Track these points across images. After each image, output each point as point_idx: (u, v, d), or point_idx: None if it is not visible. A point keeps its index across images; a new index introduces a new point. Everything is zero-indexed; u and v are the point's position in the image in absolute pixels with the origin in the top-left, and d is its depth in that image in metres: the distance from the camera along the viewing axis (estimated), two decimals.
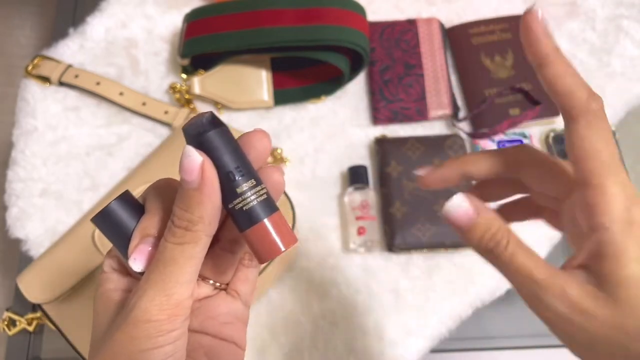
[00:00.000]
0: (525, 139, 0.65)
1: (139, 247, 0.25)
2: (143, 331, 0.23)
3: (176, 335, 0.24)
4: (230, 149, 0.24)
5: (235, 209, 0.24)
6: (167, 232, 0.24)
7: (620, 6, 0.72)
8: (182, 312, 0.24)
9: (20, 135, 0.66)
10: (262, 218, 0.24)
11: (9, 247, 0.66)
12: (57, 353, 0.60)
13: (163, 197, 0.26)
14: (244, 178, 0.24)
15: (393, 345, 0.57)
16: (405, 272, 0.60)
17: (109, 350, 0.23)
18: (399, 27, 0.70)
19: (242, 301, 0.29)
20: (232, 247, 0.28)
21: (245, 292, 0.29)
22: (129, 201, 0.26)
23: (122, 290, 0.26)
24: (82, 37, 0.71)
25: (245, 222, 0.24)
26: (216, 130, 0.24)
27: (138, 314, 0.23)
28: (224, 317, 0.28)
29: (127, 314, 0.23)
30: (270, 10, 0.62)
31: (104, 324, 0.25)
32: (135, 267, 0.25)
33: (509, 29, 0.70)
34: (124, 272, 0.27)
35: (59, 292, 0.52)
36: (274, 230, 0.24)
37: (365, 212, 0.60)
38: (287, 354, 0.57)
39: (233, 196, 0.24)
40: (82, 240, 0.54)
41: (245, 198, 0.24)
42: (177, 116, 0.65)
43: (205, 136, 0.24)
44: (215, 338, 0.27)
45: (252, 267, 0.30)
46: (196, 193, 0.23)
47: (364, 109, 0.68)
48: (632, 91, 0.67)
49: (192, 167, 0.23)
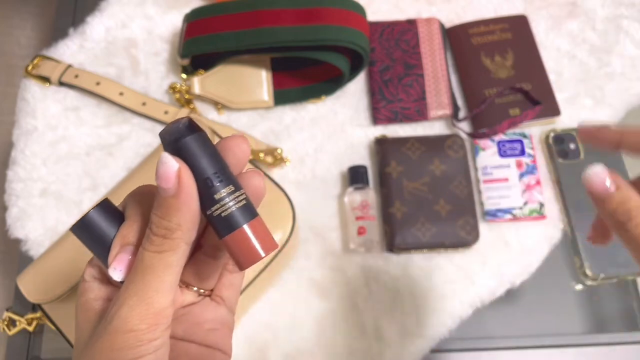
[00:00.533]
0: (525, 139, 0.65)
1: (119, 256, 0.24)
2: (124, 341, 0.22)
3: (157, 344, 0.23)
4: (208, 154, 0.23)
5: (214, 215, 0.23)
6: (145, 240, 0.24)
7: (620, 6, 0.72)
8: (162, 321, 0.23)
9: (20, 135, 0.66)
10: (242, 224, 0.23)
11: (9, 247, 0.66)
12: (57, 353, 0.60)
13: (142, 204, 0.25)
14: (222, 184, 0.23)
15: (393, 345, 0.57)
16: (405, 272, 0.60)
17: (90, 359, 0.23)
18: (399, 27, 0.70)
19: (226, 307, 0.29)
20: (214, 253, 0.27)
21: (230, 297, 0.29)
22: (109, 209, 0.26)
23: (103, 300, 0.26)
24: (82, 37, 0.71)
25: (224, 229, 0.23)
26: (193, 135, 0.23)
27: (118, 323, 0.23)
28: (209, 324, 0.27)
29: (108, 323, 0.23)
30: (270, 10, 0.62)
31: (85, 334, 0.25)
32: (115, 276, 0.24)
33: (509, 29, 0.70)
34: (105, 281, 0.26)
35: (59, 292, 0.52)
36: (254, 235, 0.24)
37: (365, 212, 0.60)
38: (287, 354, 0.57)
39: (211, 202, 0.23)
40: None
41: (224, 204, 0.23)
42: (177, 116, 0.65)
43: (182, 142, 0.23)
44: (201, 345, 0.27)
45: (236, 273, 0.29)
46: (173, 200, 0.23)
47: (364, 109, 0.68)
48: (632, 91, 0.67)
49: (168, 174, 0.22)
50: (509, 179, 0.63)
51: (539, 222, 0.62)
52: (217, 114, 0.68)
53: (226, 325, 0.28)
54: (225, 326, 0.28)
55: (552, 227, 0.62)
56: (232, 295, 0.29)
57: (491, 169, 0.63)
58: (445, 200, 0.61)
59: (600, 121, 0.65)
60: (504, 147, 0.64)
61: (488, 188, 0.63)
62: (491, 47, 0.69)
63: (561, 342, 0.57)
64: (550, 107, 0.65)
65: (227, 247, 0.24)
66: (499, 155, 0.64)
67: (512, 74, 0.67)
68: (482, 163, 0.64)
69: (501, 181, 0.63)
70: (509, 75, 0.67)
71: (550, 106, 0.65)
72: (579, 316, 0.60)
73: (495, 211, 0.62)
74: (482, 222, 0.62)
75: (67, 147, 0.65)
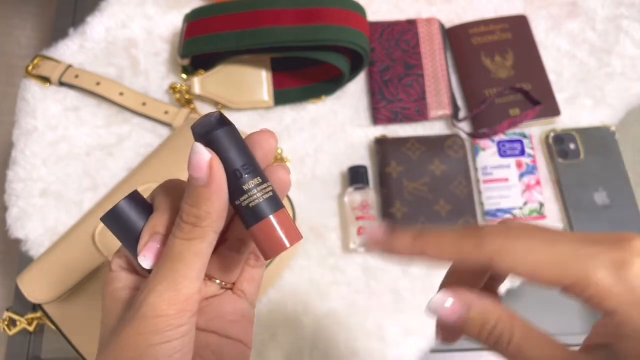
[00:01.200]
0: (525, 139, 0.65)
1: (148, 244, 0.25)
2: (151, 326, 0.23)
3: (184, 330, 0.24)
4: (237, 147, 0.24)
5: (242, 205, 0.24)
6: (175, 228, 0.24)
7: (620, 6, 0.72)
8: (190, 307, 0.24)
9: (20, 135, 0.66)
10: (268, 214, 0.24)
11: (9, 247, 0.66)
12: (57, 353, 0.60)
13: (171, 196, 0.26)
14: (250, 175, 0.24)
15: (393, 345, 0.57)
16: (405, 272, 0.60)
17: (117, 345, 0.24)
18: (399, 27, 0.70)
19: (247, 300, 0.29)
20: (238, 246, 0.28)
21: (251, 291, 0.30)
22: (138, 200, 0.27)
23: (130, 289, 0.26)
24: (82, 37, 0.71)
25: (251, 219, 0.24)
26: (224, 128, 0.24)
27: (147, 309, 0.23)
28: (231, 316, 0.28)
29: (136, 309, 0.24)
30: (270, 10, 0.62)
31: (112, 322, 0.25)
32: (144, 264, 0.25)
33: (509, 29, 0.70)
34: (132, 271, 0.27)
35: (59, 292, 0.52)
36: (279, 226, 0.24)
37: (365, 212, 0.60)
38: (287, 354, 0.57)
39: (240, 193, 0.24)
40: (82, 240, 0.54)
41: (252, 195, 0.24)
42: (177, 116, 0.65)
43: (213, 134, 0.24)
44: (222, 336, 0.28)
45: (257, 267, 0.30)
46: (204, 189, 0.24)
47: (364, 109, 0.68)
48: (632, 91, 0.67)
49: (200, 164, 0.23)
50: (509, 179, 0.63)
51: (539, 222, 0.62)
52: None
53: (247, 317, 0.29)
54: (246, 319, 0.29)
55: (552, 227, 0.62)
56: (253, 289, 0.30)
57: (491, 169, 0.63)
58: (445, 200, 0.61)
59: (601, 122, 0.65)
60: (504, 147, 0.64)
61: (488, 188, 0.63)
62: (491, 47, 0.69)
63: (561, 342, 0.57)
64: (550, 107, 0.65)
65: (253, 236, 0.25)
66: (499, 155, 0.64)
67: (512, 74, 0.67)
68: (482, 163, 0.64)
69: (501, 181, 0.63)
70: (509, 75, 0.67)
71: (550, 106, 0.65)
72: (579, 316, 0.60)
73: (495, 211, 0.62)
74: (482, 222, 0.62)
75: (67, 147, 0.65)
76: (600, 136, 0.65)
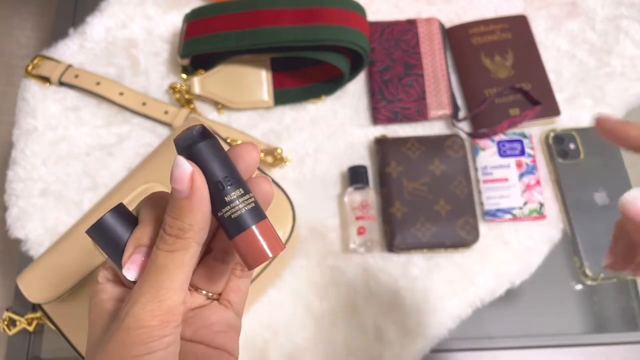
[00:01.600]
0: (525, 139, 0.65)
1: (133, 257, 0.25)
2: (135, 337, 0.23)
3: (168, 341, 0.24)
4: (219, 159, 0.25)
5: (225, 217, 0.25)
6: (158, 240, 0.25)
7: (620, 6, 0.72)
8: (173, 319, 0.24)
9: (20, 135, 0.66)
10: (250, 225, 0.25)
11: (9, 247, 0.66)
12: (57, 353, 0.60)
13: (156, 209, 0.27)
14: (232, 187, 0.24)
15: (393, 345, 0.57)
16: (405, 272, 0.60)
17: (103, 356, 0.24)
18: (399, 27, 0.70)
19: (234, 311, 0.29)
20: (223, 257, 0.28)
21: (237, 302, 0.30)
22: (123, 213, 0.27)
23: (116, 300, 0.27)
24: (82, 37, 0.71)
25: (233, 230, 0.25)
26: (206, 141, 0.25)
27: (130, 320, 0.23)
28: (217, 326, 0.28)
29: (120, 321, 0.24)
30: (270, 10, 0.62)
31: (97, 333, 0.26)
32: (129, 276, 0.25)
33: (509, 29, 0.70)
34: (118, 283, 0.27)
35: (59, 292, 0.52)
36: (262, 237, 0.25)
37: (365, 212, 0.60)
38: (287, 354, 0.57)
39: (222, 205, 0.24)
40: (82, 240, 0.54)
41: (234, 206, 0.24)
42: (177, 116, 0.65)
43: (195, 147, 0.24)
44: (209, 347, 0.28)
45: (244, 278, 0.30)
46: (186, 202, 0.24)
47: (364, 109, 0.68)
48: (632, 91, 0.67)
49: (182, 176, 0.24)
50: (509, 179, 0.63)
51: (539, 222, 0.62)
52: (217, 114, 0.68)
53: (233, 328, 0.29)
54: (233, 329, 0.29)
55: (552, 227, 0.62)
56: (240, 299, 0.30)
57: (491, 169, 0.63)
58: (445, 200, 0.61)
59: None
60: (504, 147, 0.64)
61: (488, 188, 0.63)
62: (491, 47, 0.69)
63: (561, 342, 0.57)
64: (550, 107, 0.65)
65: (236, 247, 0.25)
66: (499, 155, 0.64)
67: (512, 74, 0.67)
68: (482, 163, 0.64)
69: (501, 181, 0.63)
70: (509, 75, 0.67)
71: (550, 106, 0.65)
72: (579, 316, 0.60)
73: (495, 211, 0.62)
74: (482, 222, 0.62)
75: (67, 147, 0.65)
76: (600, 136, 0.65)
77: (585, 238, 0.60)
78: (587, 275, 0.59)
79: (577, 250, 0.60)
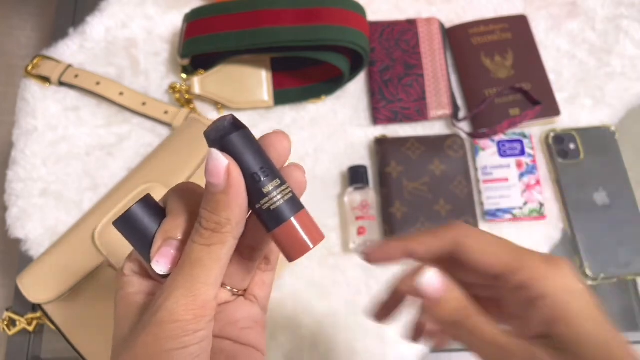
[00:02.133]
0: (525, 139, 0.65)
1: (162, 249, 0.25)
2: (169, 331, 0.23)
3: (201, 335, 0.24)
4: (253, 150, 0.24)
5: (263, 209, 0.24)
6: (194, 233, 0.24)
7: (620, 6, 0.72)
8: (207, 313, 0.24)
9: (20, 135, 0.66)
10: (289, 216, 0.24)
11: (9, 247, 0.66)
12: (57, 353, 0.60)
13: (185, 200, 0.26)
14: (268, 178, 0.24)
15: (393, 345, 0.57)
16: None
17: (133, 350, 0.23)
18: (399, 27, 0.70)
19: (259, 306, 0.29)
20: (250, 254, 0.28)
21: (263, 296, 0.29)
22: (150, 205, 0.26)
23: (144, 294, 0.26)
24: (82, 37, 0.71)
25: (272, 222, 0.24)
26: (238, 132, 0.24)
27: (164, 314, 0.23)
28: (243, 322, 0.28)
29: (153, 315, 0.23)
30: (270, 10, 0.62)
31: (125, 327, 0.25)
32: (158, 269, 0.25)
33: (509, 29, 0.70)
34: (145, 275, 0.27)
35: (59, 292, 0.52)
36: (302, 228, 0.24)
37: (365, 212, 0.60)
38: (287, 354, 0.57)
39: (259, 197, 0.24)
40: (82, 240, 0.54)
41: (272, 198, 0.24)
42: (177, 116, 0.65)
43: (228, 139, 0.24)
44: (236, 343, 0.28)
45: (268, 271, 0.30)
46: (223, 196, 0.23)
47: (364, 109, 0.68)
48: (632, 91, 0.68)
49: (217, 170, 0.23)
50: (509, 179, 0.63)
51: (539, 222, 0.62)
52: (217, 114, 0.68)
53: (259, 323, 0.29)
54: (259, 324, 0.29)
55: (552, 227, 0.62)
56: (265, 293, 0.30)
57: (491, 169, 0.63)
58: (445, 200, 0.61)
59: (601, 122, 0.65)
60: (504, 147, 0.64)
61: (488, 188, 0.63)
62: (491, 47, 0.69)
63: None
64: (550, 107, 0.65)
65: (275, 240, 0.24)
66: (499, 155, 0.64)
67: (512, 74, 0.67)
68: (482, 163, 0.64)
69: (501, 181, 0.63)
70: (509, 75, 0.67)
71: (550, 106, 0.65)
72: None
73: (495, 211, 0.62)
74: (482, 222, 0.62)
75: (67, 147, 0.65)
76: (600, 136, 0.65)
77: (585, 238, 0.60)
78: (587, 275, 0.59)
79: (577, 250, 0.60)
